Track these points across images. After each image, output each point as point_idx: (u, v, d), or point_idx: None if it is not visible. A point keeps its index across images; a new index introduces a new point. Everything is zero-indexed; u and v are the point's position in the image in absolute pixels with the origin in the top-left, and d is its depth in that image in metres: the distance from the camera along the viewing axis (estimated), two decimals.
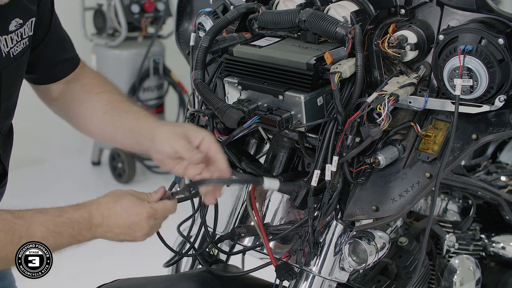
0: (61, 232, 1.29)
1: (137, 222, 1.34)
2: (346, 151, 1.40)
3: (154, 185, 1.74)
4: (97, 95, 1.59)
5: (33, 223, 1.27)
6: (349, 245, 1.46)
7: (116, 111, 1.54)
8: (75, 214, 1.31)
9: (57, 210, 1.31)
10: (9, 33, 1.36)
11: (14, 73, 1.43)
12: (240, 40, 1.60)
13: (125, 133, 1.52)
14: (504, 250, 2.05)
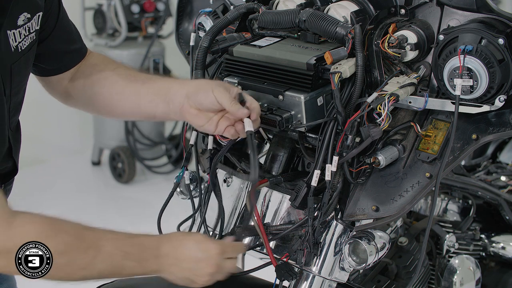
0: (129, 253, 1.28)
1: (207, 258, 1.33)
2: (346, 151, 1.40)
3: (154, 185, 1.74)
4: (113, 71, 1.57)
5: (103, 238, 1.27)
6: (349, 245, 1.46)
7: (139, 79, 1.52)
8: (145, 240, 1.32)
9: (128, 234, 1.31)
10: (17, 27, 1.36)
11: (23, 67, 1.43)
12: (240, 40, 1.60)
13: (151, 97, 1.48)
14: (504, 250, 2.05)
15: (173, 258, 1.33)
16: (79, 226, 1.27)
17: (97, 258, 1.26)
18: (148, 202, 4.47)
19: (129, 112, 1.56)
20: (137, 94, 1.51)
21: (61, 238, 1.22)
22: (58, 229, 1.23)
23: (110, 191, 4.80)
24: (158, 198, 1.66)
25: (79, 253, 1.24)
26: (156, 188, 4.75)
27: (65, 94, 1.63)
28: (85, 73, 1.59)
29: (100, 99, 1.57)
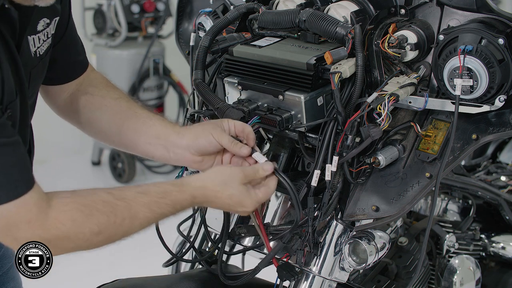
0: (163, 213, 1.32)
1: (241, 211, 1.41)
2: (346, 151, 1.40)
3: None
4: (115, 101, 1.57)
5: (136, 205, 1.29)
6: (349, 245, 1.46)
7: (139, 117, 1.53)
8: (179, 196, 1.33)
9: (160, 192, 1.32)
10: (37, 33, 1.36)
11: (40, 72, 1.44)
12: (240, 40, 1.60)
13: (150, 139, 1.51)
14: (504, 250, 2.05)
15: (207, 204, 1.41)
16: (111, 198, 1.28)
17: (133, 225, 1.29)
18: None
19: (126, 146, 1.58)
20: (135, 132, 1.52)
21: (95, 220, 1.24)
22: (90, 211, 1.24)
23: None
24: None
25: (115, 227, 1.27)
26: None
27: (64, 108, 1.63)
28: (86, 93, 1.59)
29: (98, 125, 1.58)
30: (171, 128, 1.50)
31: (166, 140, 1.49)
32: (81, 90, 1.59)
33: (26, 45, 1.33)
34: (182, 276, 1.75)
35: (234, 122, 1.45)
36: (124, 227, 1.27)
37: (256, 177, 1.39)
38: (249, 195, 1.37)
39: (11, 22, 1.24)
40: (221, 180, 1.36)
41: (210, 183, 1.35)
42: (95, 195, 1.27)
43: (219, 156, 1.47)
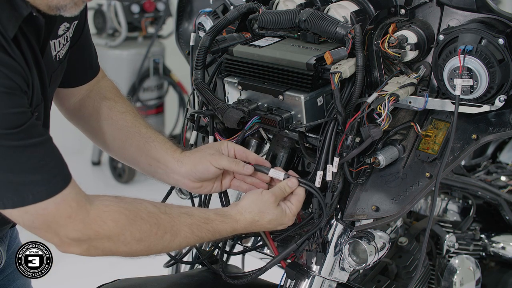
0: (203, 237, 1.36)
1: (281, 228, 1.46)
2: (346, 151, 1.40)
3: (154, 185, 1.74)
4: (121, 115, 1.59)
5: (179, 223, 1.33)
6: (349, 245, 1.46)
7: (142, 137, 1.55)
8: (220, 226, 1.38)
9: (203, 217, 1.37)
10: (58, 37, 1.39)
11: (59, 75, 1.46)
12: (240, 40, 1.60)
13: (150, 161, 1.54)
14: (504, 250, 2.05)
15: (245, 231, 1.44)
16: (156, 210, 1.31)
17: (173, 242, 1.32)
18: None
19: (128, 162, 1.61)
20: (138, 151, 1.55)
21: (138, 226, 1.26)
22: (134, 217, 1.26)
23: (110, 191, 4.76)
24: (158, 198, 1.66)
25: (156, 239, 1.29)
26: (156, 188, 4.72)
27: (72, 112, 1.63)
28: (95, 102, 1.60)
29: (103, 137, 1.60)
30: (171, 154, 1.52)
31: (166, 166, 1.52)
32: (91, 96, 1.61)
33: (49, 50, 1.36)
34: (182, 276, 1.75)
35: (234, 146, 1.50)
36: (164, 240, 1.30)
37: (285, 195, 1.45)
38: (285, 213, 1.43)
39: (37, 29, 1.26)
40: (257, 210, 1.41)
41: (248, 215, 1.41)
42: (140, 204, 1.31)
43: (217, 181, 1.53)
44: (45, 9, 1.21)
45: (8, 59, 1.14)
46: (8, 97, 1.13)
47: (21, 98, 1.17)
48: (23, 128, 1.15)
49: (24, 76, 1.18)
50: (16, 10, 1.18)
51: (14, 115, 1.14)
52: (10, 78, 1.13)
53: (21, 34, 1.22)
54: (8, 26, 1.16)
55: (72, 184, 1.23)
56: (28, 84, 1.20)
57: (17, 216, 1.20)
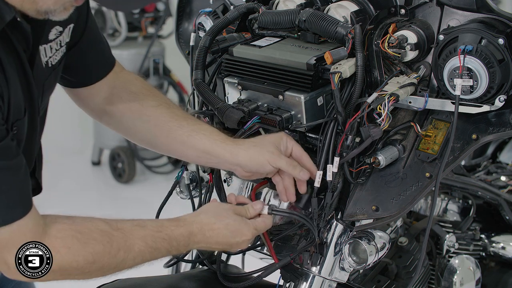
0: (159, 248, 1.31)
1: (240, 242, 1.39)
2: (346, 151, 1.40)
3: (154, 185, 1.74)
4: (155, 110, 1.53)
5: (132, 237, 1.28)
6: (349, 245, 1.46)
7: (184, 130, 1.50)
8: (175, 231, 1.33)
9: (157, 226, 1.32)
10: (49, 42, 1.33)
11: (53, 82, 1.41)
12: (240, 40, 1.60)
13: (199, 153, 1.49)
14: (504, 250, 2.05)
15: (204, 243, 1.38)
16: (108, 227, 1.27)
17: (128, 257, 1.28)
18: (148, 202, 4.47)
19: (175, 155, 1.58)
20: (183, 145, 1.50)
21: (90, 249, 1.23)
22: (86, 240, 1.23)
23: (110, 191, 4.80)
24: (158, 198, 1.66)
25: (109, 258, 1.26)
26: (156, 188, 4.74)
27: (99, 112, 1.58)
28: (123, 99, 1.54)
29: (142, 135, 1.55)
30: (221, 146, 1.46)
31: (218, 157, 1.47)
32: (115, 93, 1.55)
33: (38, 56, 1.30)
34: (183, 276, 1.75)
35: (293, 145, 1.45)
36: (118, 258, 1.26)
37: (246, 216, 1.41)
38: (245, 222, 1.39)
39: (24, 35, 1.21)
40: (214, 212, 1.38)
41: (203, 215, 1.37)
42: (92, 223, 1.26)
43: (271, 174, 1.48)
44: (34, 14, 1.16)
45: None
46: None
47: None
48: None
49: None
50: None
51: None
52: None
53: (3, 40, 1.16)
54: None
55: (31, 214, 1.19)
56: (3, 98, 1.14)
57: None
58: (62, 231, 1.22)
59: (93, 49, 1.52)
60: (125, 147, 4.80)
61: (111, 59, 1.57)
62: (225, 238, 1.37)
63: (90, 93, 1.55)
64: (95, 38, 1.52)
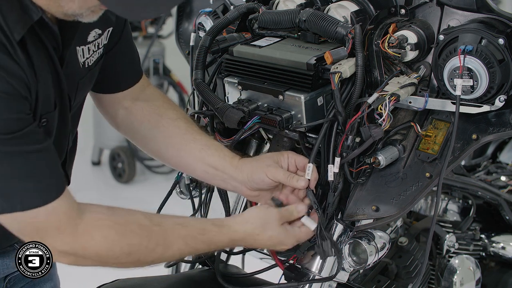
0: (197, 249, 1.34)
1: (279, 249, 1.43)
2: (346, 151, 1.40)
3: (154, 185, 1.74)
4: (173, 122, 1.55)
5: (172, 234, 1.30)
6: (349, 245, 1.46)
7: (198, 142, 1.51)
8: (216, 237, 1.34)
9: (199, 228, 1.34)
10: (87, 43, 1.36)
11: (88, 83, 1.44)
12: (240, 40, 1.60)
13: (207, 168, 1.50)
14: (504, 250, 2.05)
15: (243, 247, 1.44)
16: (148, 222, 1.29)
17: (166, 253, 1.30)
18: (148, 202, 4.45)
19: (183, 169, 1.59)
20: (193, 158, 1.51)
21: (128, 240, 1.25)
22: (124, 231, 1.25)
23: (110, 191, 4.80)
24: (158, 198, 1.66)
25: (146, 252, 1.27)
26: (156, 188, 4.74)
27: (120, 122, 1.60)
28: (144, 110, 1.57)
29: (155, 145, 1.57)
30: (229, 160, 1.48)
31: (224, 173, 1.48)
32: (138, 105, 1.57)
33: (74, 56, 1.33)
34: (183, 276, 1.75)
35: (295, 157, 1.46)
36: (155, 253, 1.28)
37: (291, 219, 1.42)
38: (288, 234, 1.40)
39: (52, 35, 1.24)
40: (259, 223, 1.38)
41: (249, 227, 1.38)
42: (132, 216, 1.29)
43: (276, 190, 1.49)
44: (61, 16, 1.19)
45: (10, 62, 1.12)
46: (5, 102, 1.11)
47: (20, 104, 1.15)
48: (20, 133, 1.13)
49: (26, 81, 1.16)
50: (26, 13, 1.16)
51: (11, 121, 1.12)
52: (9, 82, 1.11)
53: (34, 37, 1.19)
54: (15, 28, 1.14)
55: (65, 196, 1.21)
56: (29, 90, 1.17)
57: (6, 221, 1.19)
58: (100, 220, 1.24)
59: (125, 57, 1.55)
60: (125, 147, 4.80)
61: (139, 71, 1.61)
62: (265, 246, 1.42)
63: (113, 100, 1.58)
64: (129, 46, 1.55)
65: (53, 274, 1.67)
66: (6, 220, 1.19)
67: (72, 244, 1.21)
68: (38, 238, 1.20)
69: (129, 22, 1.57)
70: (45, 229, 1.20)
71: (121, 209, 1.30)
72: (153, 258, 1.29)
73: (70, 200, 1.23)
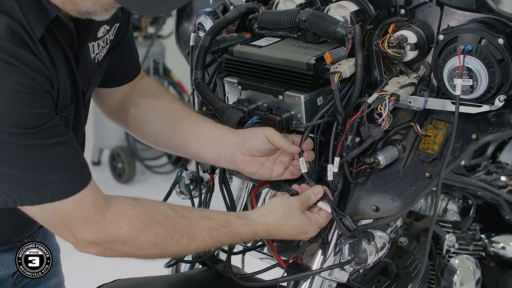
0: (222, 241, 1.35)
1: (303, 238, 1.44)
2: (346, 151, 1.40)
3: (154, 185, 1.74)
4: (169, 103, 1.57)
5: (197, 226, 1.31)
6: (349, 245, 1.46)
7: (194, 119, 1.52)
8: (240, 229, 1.36)
9: (223, 220, 1.35)
10: (97, 39, 1.39)
11: (97, 77, 1.47)
12: (240, 40, 1.60)
13: (202, 139, 1.50)
14: (504, 250, 2.05)
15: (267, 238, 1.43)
16: (174, 214, 1.30)
17: (191, 245, 1.31)
18: None
19: (177, 147, 1.56)
20: (188, 132, 1.52)
21: (153, 231, 1.26)
22: (150, 221, 1.26)
23: (110, 191, 4.75)
24: (158, 198, 1.66)
25: (172, 244, 1.29)
26: (156, 188, 4.75)
27: (113, 109, 1.63)
28: (139, 96, 1.59)
29: (150, 126, 1.58)
30: (225, 129, 1.49)
31: (219, 140, 1.48)
32: (134, 92, 1.60)
33: (87, 52, 1.36)
34: (182, 276, 1.75)
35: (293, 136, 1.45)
36: (180, 245, 1.29)
37: (310, 203, 1.42)
38: (310, 222, 1.40)
39: (69, 32, 1.27)
40: (282, 213, 1.38)
41: (272, 218, 1.38)
42: (158, 207, 1.30)
43: (269, 161, 1.48)
44: (76, 14, 1.22)
45: (33, 58, 1.15)
46: (30, 98, 1.14)
47: (44, 99, 1.17)
48: (44, 127, 1.15)
49: (49, 77, 1.18)
50: (44, 11, 1.19)
51: (35, 116, 1.15)
52: (33, 78, 1.14)
53: (51, 35, 1.22)
54: (36, 27, 1.17)
55: (91, 185, 1.23)
56: (52, 85, 1.20)
57: (35, 213, 1.21)
58: (126, 210, 1.26)
59: (127, 53, 1.59)
60: (125, 147, 4.81)
61: (138, 66, 1.64)
62: (290, 236, 1.41)
63: (112, 92, 1.61)
64: (131, 43, 1.60)
65: (58, 271, 1.67)
66: (36, 212, 1.20)
67: (99, 233, 1.22)
68: (66, 229, 1.22)
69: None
70: (72, 220, 1.21)
71: (147, 200, 1.31)
72: (178, 250, 1.31)
73: (97, 190, 1.25)
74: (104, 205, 1.24)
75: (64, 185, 1.19)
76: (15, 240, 1.46)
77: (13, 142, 1.13)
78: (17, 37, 1.14)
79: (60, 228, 1.23)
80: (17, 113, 1.12)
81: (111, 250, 1.25)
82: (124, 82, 1.60)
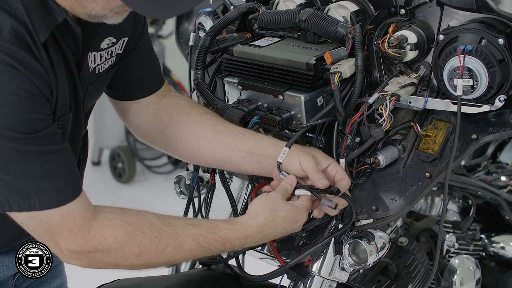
0: (211, 249, 1.31)
1: (297, 227, 1.39)
2: (346, 151, 1.40)
3: (154, 185, 1.74)
4: (202, 116, 1.51)
5: (183, 235, 1.28)
6: (349, 245, 1.46)
7: (230, 131, 1.47)
8: (229, 234, 1.32)
9: (211, 227, 1.32)
10: (100, 50, 1.37)
11: (97, 88, 1.44)
12: (240, 40, 1.60)
13: (243, 154, 1.45)
14: (504, 250, 2.05)
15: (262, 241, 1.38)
16: (159, 223, 1.28)
17: (177, 254, 1.28)
18: (148, 202, 4.47)
19: (217, 161, 1.52)
20: (228, 146, 1.47)
21: (137, 241, 1.24)
22: (134, 232, 1.25)
23: (110, 191, 4.80)
24: (158, 198, 1.67)
25: (157, 253, 1.26)
26: (156, 188, 4.75)
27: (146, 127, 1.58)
28: (169, 112, 1.54)
29: (186, 142, 1.53)
30: (267, 139, 1.45)
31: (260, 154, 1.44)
32: (163, 108, 1.55)
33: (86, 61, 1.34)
34: (182, 276, 1.75)
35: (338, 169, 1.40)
36: (166, 254, 1.27)
37: (289, 193, 1.39)
38: (297, 208, 1.37)
39: (73, 38, 1.25)
40: (269, 210, 1.35)
41: (261, 217, 1.35)
42: (143, 216, 1.28)
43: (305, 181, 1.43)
44: (86, 17, 1.20)
45: (35, 63, 1.14)
46: (29, 103, 1.13)
47: (42, 105, 1.16)
48: (41, 134, 1.14)
49: (48, 82, 1.17)
50: (51, 15, 1.17)
51: (33, 121, 1.13)
52: (34, 83, 1.13)
53: (53, 41, 1.20)
54: (40, 30, 1.15)
55: (81, 198, 1.22)
56: (51, 91, 1.19)
57: (22, 220, 1.20)
58: (111, 220, 1.24)
59: (143, 64, 1.54)
60: (125, 147, 4.81)
61: (160, 78, 1.59)
62: (283, 230, 1.37)
63: (135, 108, 1.56)
64: (147, 53, 1.54)
65: (61, 271, 1.67)
66: (23, 218, 1.20)
67: (84, 245, 1.21)
68: (51, 239, 1.21)
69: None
70: (58, 230, 1.20)
71: (133, 210, 1.29)
72: (164, 260, 1.28)
73: (86, 202, 1.23)
74: (91, 217, 1.22)
75: (54, 194, 1.17)
76: (16, 243, 1.45)
77: (8, 146, 1.12)
78: (20, 39, 1.12)
79: (45, 238, 1.22)
80: (16, 117, 1.11)
81: (96, 261, 1.24)
82: (145, 94, 1.55)
